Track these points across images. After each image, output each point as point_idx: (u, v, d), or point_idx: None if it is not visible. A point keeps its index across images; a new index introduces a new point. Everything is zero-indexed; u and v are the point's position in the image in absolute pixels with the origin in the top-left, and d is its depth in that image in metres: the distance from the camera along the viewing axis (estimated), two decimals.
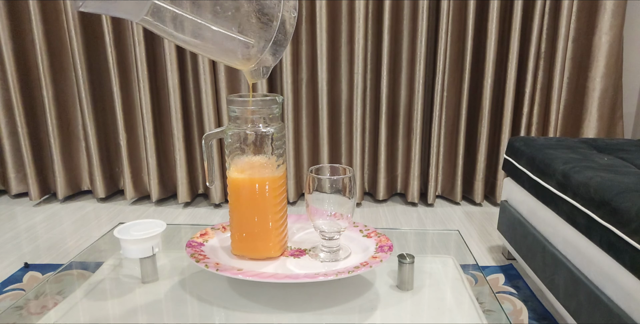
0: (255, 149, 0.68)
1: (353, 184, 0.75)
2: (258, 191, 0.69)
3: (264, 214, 0.70)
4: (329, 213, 0.75)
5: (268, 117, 0.67)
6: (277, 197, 0.71)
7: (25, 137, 2.09)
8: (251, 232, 0.71)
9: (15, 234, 1.83)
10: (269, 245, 0.72)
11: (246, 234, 0.72)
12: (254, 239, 0.72)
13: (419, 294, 0.77)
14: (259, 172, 0.69)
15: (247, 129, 0.67)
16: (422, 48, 1.95)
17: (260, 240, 0.72)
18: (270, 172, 0.69)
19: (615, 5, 1.92)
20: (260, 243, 0.72)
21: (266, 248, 0.73)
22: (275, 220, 0.71)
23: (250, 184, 0.69)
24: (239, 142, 0.67)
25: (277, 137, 0.69)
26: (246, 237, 0.72)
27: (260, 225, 0.71)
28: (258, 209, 0.70)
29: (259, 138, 0.67)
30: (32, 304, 0.77)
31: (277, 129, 0.68)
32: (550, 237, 1.21)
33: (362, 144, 2.09)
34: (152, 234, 0.79)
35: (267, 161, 0.68)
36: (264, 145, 0.68)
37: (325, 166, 0.77)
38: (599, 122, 2.06)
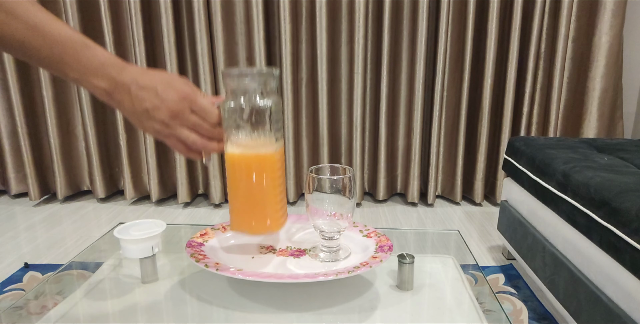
0: (252, 123, 0.66)
1: (353, 184, 0.75)
2: (255, 166, 0.68)
3: (262, 190, 0.69)
4: (329, 213, 0.75)
5: (265, 90, 0.66)
6: (275, 172, 0.70)
7: (25, 137, 2.09)
8: (250, 208, 0.70)
9: (15, 234, 1.83)
10: (268, 220, 0.71)
11: (245, 210, 0.70)
12: (253, 215, 0.70)
13: (419, 294, 0.77)
14: (256, 147, 0.67)
15: (244, 103, 0.65)
16: (422, 48, 1.96)
17: (259, 216, 0.70)
18: (268, 147, 0.68)
19: (615, 5, 1.92)
20: (259, 219, 0.71)
21: (265, 223, 0.71)
22: (274, 195, 0.70)
23: (247, 159, 0.68)
24: (235, 116, 0.66)
25: (275, 110, 0.67)
26: (245, 213, 0.70)
27: (259, 201, 0.69)
28: (256, 184, 0.68)
29: (256, 112, 0.66)
30: (32, 304, 0.77)
31: (275, 102, 0.67)
32: (550, 237, 1.21)
33: (362, 144, 2.09)
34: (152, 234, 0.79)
35: (264, 135, 0.67)
36: (261, 119, 0.66)
37: (325, 166, 0.77)
38: (599, 122, 2.06)
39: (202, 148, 0.67)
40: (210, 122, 0.66)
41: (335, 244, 0.79)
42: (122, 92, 0.61)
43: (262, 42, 1.94)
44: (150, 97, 0.61)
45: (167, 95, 0.62)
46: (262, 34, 1.93)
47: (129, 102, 0.62)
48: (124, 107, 0.62)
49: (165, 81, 0.63)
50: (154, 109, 0.62)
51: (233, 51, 2.00)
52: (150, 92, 0.61)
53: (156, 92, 0.62)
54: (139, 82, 0.61)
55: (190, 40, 2.00)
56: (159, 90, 0.62)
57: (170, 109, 0.62)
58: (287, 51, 1.95)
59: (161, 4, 1.88)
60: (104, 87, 0.61)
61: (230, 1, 1.94)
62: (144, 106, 0.61)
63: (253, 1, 1.89)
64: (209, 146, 0.67)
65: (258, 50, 1.95)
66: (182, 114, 0.63)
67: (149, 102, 0.62)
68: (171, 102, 0.62)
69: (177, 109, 0.62)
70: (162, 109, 0.62)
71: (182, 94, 0.63)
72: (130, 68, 0.62)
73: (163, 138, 0.65)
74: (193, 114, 0.64)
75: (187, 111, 0.63)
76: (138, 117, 0.63)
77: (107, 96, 0.62)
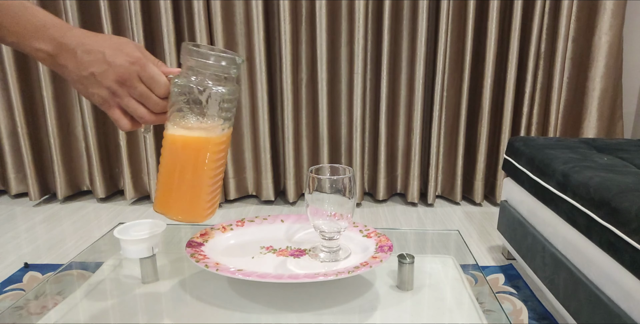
0: (199, 106, 0.62)
1: (353, 184, 0.75)
2: (194, 150, 0.64)
3: (196, 177, 0.65)
4: (329, 213, 0.75)
5: (222, 76, 0.62)
6: (215, 162, 0.66)
7: (25, 137, 2.09)
8: (179, 193, 0.65)
9: (15, 234, 1.83)
10: (195, 209, 0.67)
11: (173, 194, 0.66)
12: (180, 201, 0.66)
13: (419, 294, 0.77)
14: (197, 130, 0.63)
15: (197, 83, 0.61)
16: (422, 48, 1.96)
17: (187, 203, 0.66)
18: (210, 133, 0.64)
19: (615, 5, 1.92)
20: (186, 206, 0.66)
21: (192, 212, 0.67)
22: (208, 184, 0.66)
23: (186, 141, 0.63)
24: (184, 95, 0.62)
25: (227, 99, 0.63)
26: (173, 197, 0.66)
27: (191, 188, 0.65)
28: (190, 170, 0.64)
29: (207, 96, 0.62)
30: (32, 304, 0.77)
31: (229, 91, 0.63)
32: (550, 237, 1.21)
33: (362, 144, 2.09)
34: (152, 234, 0.79)
35: (210, 120, 0.63)
36: (211, 104, 0.63)
37: (325, 166, 0.77)
38: (599, 122, 2.06)
39: (149, 122, 0.63)
40: (159, 93, 0.62)
41: (335, 244, 0.79)
42: (67, 55, 0.57)
43: (262, 42, 1.94)
44: (97, 61, 0.57)
45: (115, 59, 0.58)
46: (262, 34, 1.93)
47: (74, 66, 0.58)
48: (68, 71, 0.58)
49: (115, 45, 0.58)
50: (100, 74, 0.58)
51: (233, 51, 1.99)
52: (97, 56, 0.57)
53: (104, 56, 0.57)
54: (85, 45, 0.57)
55: (190, 40, 2.00)
56: (107, 54, 0.58)
57: (118, 74, 0.58)
58: (287, 51, 1.95)
59: (161, 4, 1.88)
60: (47, 50, 0.57)
61: (230, 1, 1.94)
62: (90, 70, 0.58)
63: (253, 1, 1.89)
64: (157, 120, 0.63)
65: (258, 51, 1.95)
66: (130, 80, 0.59)
67: (96, 67, 0.57)
68: (119, 67, 0.58)
69: (126, 74, 0.58)
70: (109, 74, 0.58)
71: (132, 58, 0.59)
72: (76, 30, 0.58)
73: (107, 108, 0.61)
74: (142, 83, 0.60)
75: (136, 78, 0.59)
76: (83, 82, 0.59)
77: (50, 60, 0.58)
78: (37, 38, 0.57)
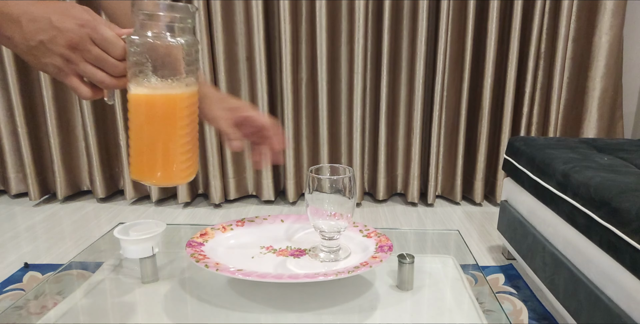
0: (160, 62, 0.60)
1: (353, 184, 0.75)
2: (161, 109, 0.62)
3: (166, 136, 0.63)
4: (329, 213, 0.75)
5: (178, 27, 0.60)
6: (183, 119, 0.64)
7: (25, 137, 2.09)
8: (151, 155, 0.63)
9: (15, 234, 1.83)
10: (170, 170, 0.65)
11: (145, 157, 0.64)
12: (154, 163, 0.64)
13: (419, 294, 0.77)
14: (162, 89, 0.61)
15: (152, 38, 0.59)
16: (422, 48, 1.96)
17: (161, 165, 0.64)
18: (176, 89, 0.62)
19: (615, 5, 1.92)
20: (160, 168, 0.64)
21: (167, 174, 0.65)
22: (180, 144, 0.64)
23: (151, 100, 0.61)
24: (142, 53, 0.59)
25: (187, 51, 0.61)
26: (146, 160, 0.64)
27: (163, 149, 0.63)
28: (160, 129, 0.62)
29: (165, 49, 0.60)
30: (32, 304, 0.77)
31: (188, 42, 0.61)
32: (550, 237, 1.21)
33: (362, 144, 2.09)
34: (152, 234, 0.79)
35: (173, 76, 0.61)
36: (171, 58, 0.61)
37: (325, 165, 0.77)
38: (599, 122, 2.06)
39: (111, 87, 0.61)
40: (115, 55, 0.58)
41: (335, 244, 0.79)
42: (12, 25, 0.54)
43: (262, 42, 1.94)
44: (44, 28, 0.54)
45: (63, 24, 0.55)
46: (262, 34, 1.93)
47: (21, 36, 0.55)
48: (16, 43, 0.55)
49: (60, 9, 0.56)
50: (50, 41, 0.55)
51: (233, 51, 2.00)
52: (43, 23, 0.54)
53: (50, 22, 0.55)
54: (30, 13, 0.55)
55: None
56: (53, 19, 0.55)
57: (68, 39, 0.55)
58: (287, 51, 1.95)
59: None
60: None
61: (230, 1, 1.94)
62: (38, 38, 0.55)
63: (253, 1, 1.89)
64: (118, 84, 0.60)
65: (258, 50, 1.95)
66: (82, 44, 0.56)
67: (44, 34, 0.54)
68: (69, 31, 0.55)
69: (76, 38, 0.55)
70: (59, 40, 0.55)
71: (80, 21, 0.56)
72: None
73: (64, 77, 0.58)
74: (95, 46, 0.57)
75: (88, 41, 0.56)
76: (34, 53, 0.56)
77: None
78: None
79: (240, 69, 2.03)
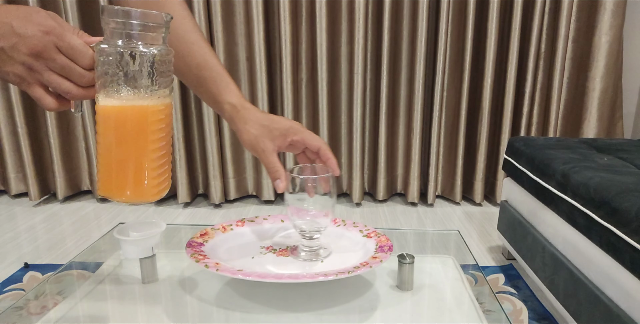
0: (131, 73, 0.57)
1: (333, 183, 0.75)
2: (130, 122, 0.59)
3: (136, 151, 0.60)
4: (308, 212, 0.75)
5: (150, 36, 0.57)
6: (155, 133, 0.60)
7: (25, 137, 2.09)
8: (120, 171, 0.60)
9: (15, 234, 1.83)
10: (140, 188, 0.61)
11: (114, 173, 0.60)
12: (123, 180, 0.61)
13: (419, 294, 0.77)
14: (133, 100, 0.58)
15: (122, 47, 0.56)
16: (422, 48, 1.95)
17: (131, 182, 0.61)
18: (147, 101, 0.59)
19: (615, 5, 1.92)
20: (130, 185, 0.61)
21: (137, 191, 0.61)
22: (150, 159, 0.61)
23: (120, 113, 0.58)
24: (112, 63, 0.56)
25: (160, 61, 0.59)
26: (115, 176, 0.60)
27: (133, 164, 0.60)
28: (129, 144, 0.59)
29: (137, 60, 0.57)
30: (32, 304, 0.77)
31: (161, 51, 0.58)
32: (550, 237, 1.21)
33: (362, 144, 2.09)
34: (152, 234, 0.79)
35: (144, 87, 0.58)
36: (143, 69, 0.58)
37: (306, 165, 0.78)
38: (599, 122, 2.06)
39: (78, 97, 0.58)
40: (83, 64, 0.55)
41: (315, 244, 0.79)
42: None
43: (262, 42, 1.94)
44: (5, 35, 0.51)
45: (25, 30, 0.52)
46: (262, 35, 1.93)
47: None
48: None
49: (23, 15, 0.52)
50: (11, 48, 0.52)
51: (233, 51, 2.00)
52: (4, 29, 0.51)
53: (12, 28, 0.51)
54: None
55: None
56: (14, 25, 0.52)
57: (30, 46, 0.52)
58: (287, 51, 1.95)
59: None
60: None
61: (230, 1, 1.94)
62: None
63: (253, 1, 1.89)
64: (86, 95, 0.57)
65: (258, 51, 1.95)
66: (46, 52, 0.53)
67: (4, 41, 0.51)
68: (31, 37, 0.52)
69: (40, 45, 0.52)
70: (20, 47, 0.52)
71: (44, 28, 0.52)
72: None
73: (27, 87, 0.54)
74: (61, 54, 0.54)
75: (53, 49, 0.53)
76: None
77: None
78: None
79: (240, 70, 2.02)
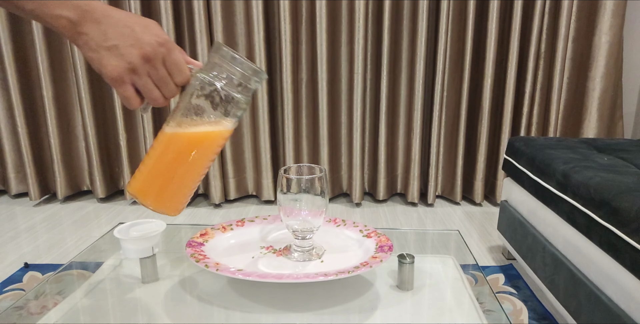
0: (212, 104, 0.62)
1: (325, 183, 0.75)
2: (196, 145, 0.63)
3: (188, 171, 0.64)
4: (301, 213, 0.75)
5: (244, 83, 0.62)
6: (210, 159, 0.66)
7: (25, 137, 2.09)
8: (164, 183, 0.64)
9: (15, 234, 1.83)
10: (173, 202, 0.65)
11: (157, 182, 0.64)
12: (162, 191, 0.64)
13: (419, 294, 0.77)
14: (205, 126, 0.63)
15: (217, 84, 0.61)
16: (422, 48, 1.96)
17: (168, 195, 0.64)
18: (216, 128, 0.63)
19: (615, 5, 1.92)
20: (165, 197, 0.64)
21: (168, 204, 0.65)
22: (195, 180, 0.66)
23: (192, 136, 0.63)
24: (201, 91, 0.61)
25: (239, 107, 0.64)
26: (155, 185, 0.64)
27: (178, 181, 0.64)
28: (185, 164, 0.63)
29: (223, 97, 0.62)
30: (32, 304, 0.77)
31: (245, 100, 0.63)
32: (550, 237, 1.21)
33: (362, 144, 2.09)
34: (152, 234, 0.79)
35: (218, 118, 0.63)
36: (223, 106, 0.63)
37: (299, 165, 0.78)
38: (599, 122, 2.06)
39: (159, 105, 0.62)
40: (177, 81, 0.60)
41: (307, 244, 0.79)
42: (91, 24, 0.55)
43: (262, 42, 1.94)
44: (125, 35, 0.55)
45: (144, 36, 0.56)
46: (262, 35, 1.93)
47: (98, 36, 0.55)
48: (88, 39, 0.55)
49: (144, 24, 0.57)
50: (126, 48, 0.55)
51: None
52: (125, 30, 0.55)
53: (133, 31, 0.55)
54: (112, 18, 0.55)
55: (190, 40, 2.00)
56: (136, 30, 0.56)
57: (144, 52, 0.56)
58: (287, 51, 1.95)
59: (161, 4, 1.88)
60: (69, 17, 0.54)
61: (230, 1, 1.94)
62: (115, 42, 0.55)
63: (253, 1, 1.89)
64: (164, 104, 0.61)
65: (258, 51, 1.95)
66: (154, 61, 0.57)
67: (123, 40, 0.55)
68: (148, 45, 0.56)
69: (152, 53, 0.56)
70: (134, 50, 0.55)
71: (160, 39, 0.57)
72: (98, 2, 0.56)
73: (120, 84, 0.57)
74: (164, 67, 0.58)
75: (160, 60, 0.57)
76: (101, 53, 0.56)
77: (70, 27, 0.55)
78: (59, 5, 0.54)
79: None
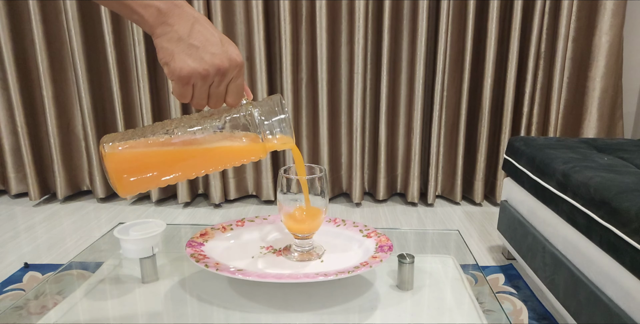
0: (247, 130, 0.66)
1: (325, 183, 0.75)
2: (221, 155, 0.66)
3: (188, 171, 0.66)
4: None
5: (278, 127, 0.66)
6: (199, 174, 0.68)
7: (25, 137, 2.09)
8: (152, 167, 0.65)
9: (15, 234, 1.83)
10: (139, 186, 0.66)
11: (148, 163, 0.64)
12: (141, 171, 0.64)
13: (419, 294, 0.77)
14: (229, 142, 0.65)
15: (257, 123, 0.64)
16: (422, 48, 1.95)
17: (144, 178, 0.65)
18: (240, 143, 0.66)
19: (615, 5, 1.92)
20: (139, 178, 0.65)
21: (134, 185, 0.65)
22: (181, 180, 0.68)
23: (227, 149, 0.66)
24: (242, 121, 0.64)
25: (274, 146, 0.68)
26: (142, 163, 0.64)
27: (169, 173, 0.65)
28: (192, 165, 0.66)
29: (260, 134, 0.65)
30: (32, 304, 0.77)
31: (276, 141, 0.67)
32: (550, 237, 1.21)
33: (362, 144, 2.09)
34: (152, 234, 0.79)
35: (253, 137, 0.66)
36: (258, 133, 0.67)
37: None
38: (599, 122, 2.06)
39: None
40: (229, 102, 0.61)
41: (307, 244, 0.80)
42: (180, 19, 0.55)
43: (262, 42, 1.94)
44: (210, 41, 0.56)
45: (228, 49, 0.57)
46: (262, 34, 1.93)
47: (185, 31, 0.55)
48: (172, 30, 0.55)
49: (228, 39, 0.58)
50: (208, 53, 0.55)
51: None
52: (212, 37, 0.56)
53: (220, 41, 0.56)
54: (201, 23, 0.56)
55: None
56: (223, 41, 0.57)
57: (220, 64, 0.56)
58: (287, 51, 1.95)
59: None
60: (159, 7, 0.54)
61: (230, 1, 1.94)
62: (197, 42, 0.55)
63: (253, 1, 1.89)
64: None
65: (258, 51, 1.95)
66: (223, 76, 0.57)
67: (207, 44, 0.55)
68: (229, 61, 0.56)
69: (226, 68, 0.57)
70: (216, 58, 0.56)
71: (240, 61, 0.58)
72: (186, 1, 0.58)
73: (185, 84, 0.57)
74: (226, 85, 0.59)
75: (227, 78, 0.58)
76: (180, 47, 0.55)
77: (157, 17, 0.55)
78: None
79: None
